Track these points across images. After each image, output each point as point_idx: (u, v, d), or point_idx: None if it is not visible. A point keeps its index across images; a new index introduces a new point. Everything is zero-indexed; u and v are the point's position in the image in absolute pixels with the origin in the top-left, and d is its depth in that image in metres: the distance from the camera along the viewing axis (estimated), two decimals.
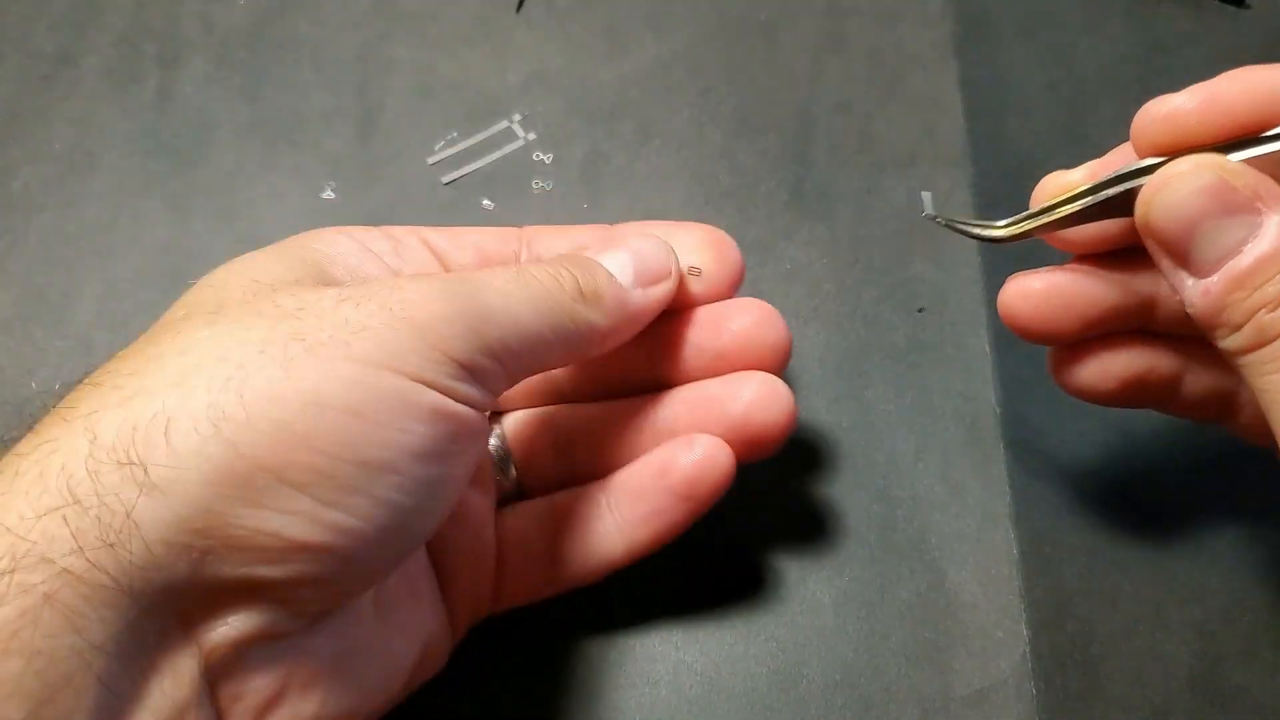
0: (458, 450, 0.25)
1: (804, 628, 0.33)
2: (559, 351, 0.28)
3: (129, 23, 0.45)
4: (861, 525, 0.35)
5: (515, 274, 0.27)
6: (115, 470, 0.21)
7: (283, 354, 0.22)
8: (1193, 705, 0.32)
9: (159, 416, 0.21)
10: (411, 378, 0.23)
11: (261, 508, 0.21)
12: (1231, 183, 0.24)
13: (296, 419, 0.22)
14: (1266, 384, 0.24)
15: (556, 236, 0.33)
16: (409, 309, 0.24)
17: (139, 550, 0.21)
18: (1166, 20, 0.45)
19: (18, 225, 0.41)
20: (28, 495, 0.21)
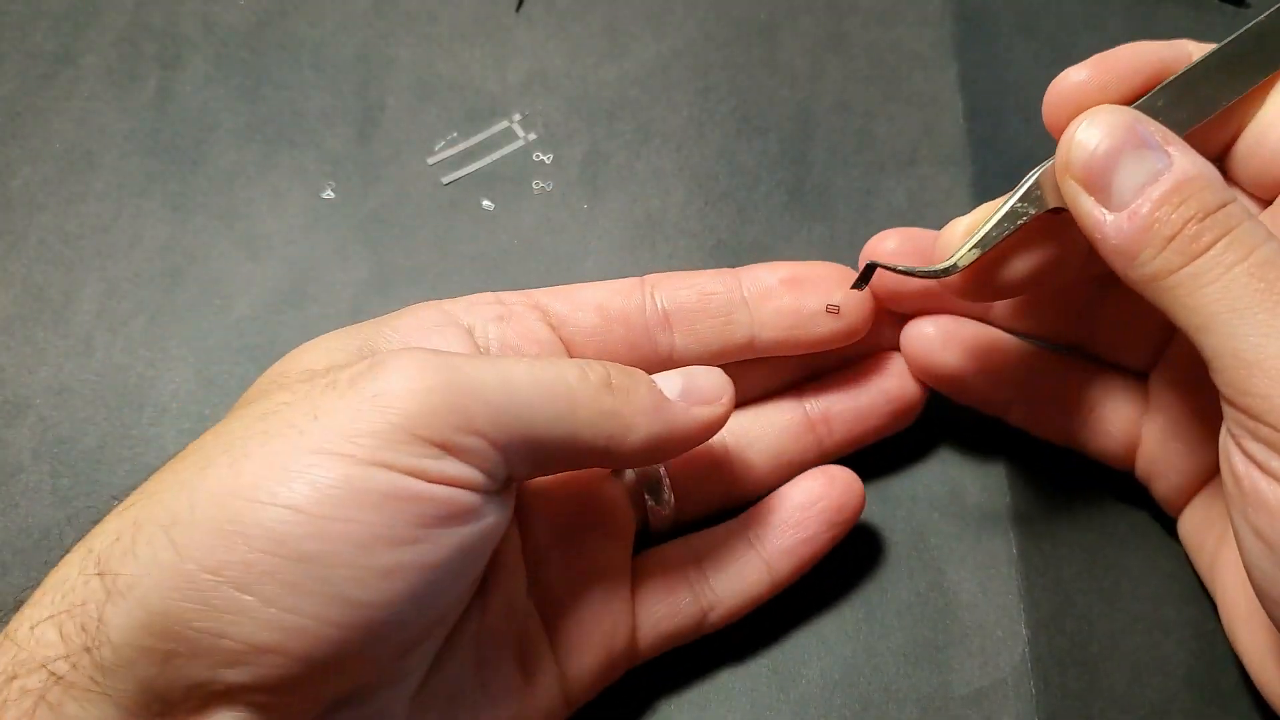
0: (429, 535, 0.23)
1: (803, 627, 0.34)
2: (576, 445, 0.26)
3: (129, 23, 0.45)
4: (861, 525, 0.35)
5: (529, 359, 0.26)
6: (95, 579, 0.22)
7: (240, 450, 0.23)
8: (1191, 705, 0.32)
9: (133, 524, 0.22)
10: (363, 461, 0.22)
11: (210, 609, 0.21)
12: (1142, 122, 0.26)
13: (235, 518, 0.22)
14: (1200, 299, 0.25)
15: (680, 282, 0.32)
16: (379, 386, 0.23)
17: (109, 654, 0.22)
18: (1166, 20, 0.45)
19: (18, 225, 0.41)
20: (37, 606, 0.23)
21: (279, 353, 0.38)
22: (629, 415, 0.27)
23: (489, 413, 0.24)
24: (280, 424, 0.23)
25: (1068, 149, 0.27)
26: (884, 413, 0.34)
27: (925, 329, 0.33)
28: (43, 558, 0.35)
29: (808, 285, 0.32)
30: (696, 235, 0.41)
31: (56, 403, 0.37)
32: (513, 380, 0.25)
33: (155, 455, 0.37)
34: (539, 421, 0.25)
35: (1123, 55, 0.28)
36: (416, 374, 0.23)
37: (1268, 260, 0.24)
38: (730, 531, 0.32)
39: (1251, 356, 0.24)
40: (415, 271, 0.40)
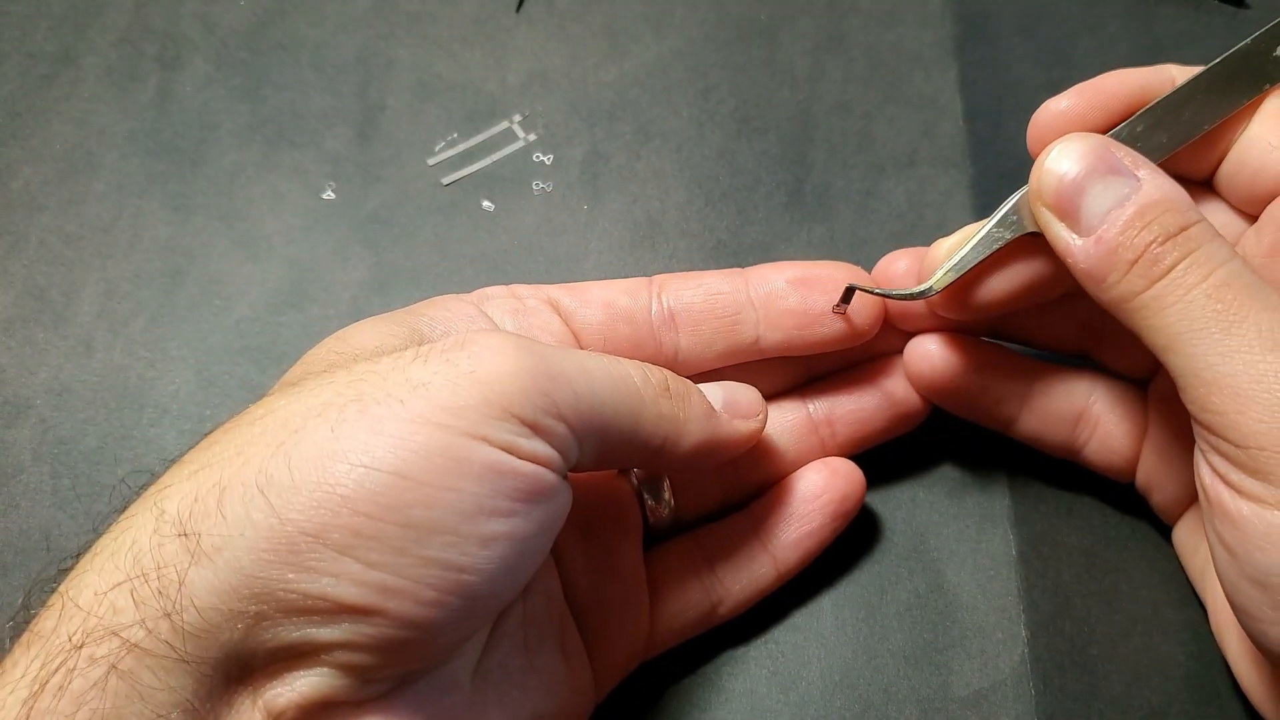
0: (522, 509, 0.24)
1: (803, 629, 0.34)
2: (636, 442, 0.27)
3: (129, 23, 0.45)
4: (860, 526, 0.35)
5: (601, 355, 0.27)
6: (175, 541, 0.22)
7: (336, 415, 0.22)
8: (1190, 706, 0.32)
9: (215, 486, 0.22)
10: (466, 434, 0.23)
11: (307, 571, 0.21)
12: (1111, 149, 0.27)
13: (339, 481, 0.22)
14: (1162, 320, 0.26)
15: (686, 282, 0.32)
16: (474, 364, 0.24)
17: (193, 618, 0.21)
18: (1166, 20, 0.45)
19: (18, 225, 0.41)
20: (101, 572, 0.22)
21: (279, 353, 0.38)
22: (683, 420, 0.28)
23: (570, 399, 0.25)
24: (375, 392, 0.23)
25: (1039, 176, 0.28)
26: (888, 416, 0.34)
27: (927, 346, 0.33)
28: (43, 558, 0.35)
29: (815, 286, 0.32)
30: (696, 236, 0.41)
31: (56, 403, 0.38)
32: (589, 371, 0.25)
33: (155, 455, 0.37)
34: (609, 414, 0.26)
35: (1105, 83, 0.30)
36: (510, 355, 0.24)
37: (1225, 282, 0.25)
38: (736, 527, 0.33)
39: (1210, 375, 0.25)
40: (415, 272, 0.40)
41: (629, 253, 0.40)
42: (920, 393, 0.34)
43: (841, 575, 0.34)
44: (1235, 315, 0.25)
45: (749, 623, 0.33)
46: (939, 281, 0.30)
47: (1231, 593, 0.26)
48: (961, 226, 0.32)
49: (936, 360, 0.33)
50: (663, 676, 0.33)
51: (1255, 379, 0.24)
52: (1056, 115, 0.30)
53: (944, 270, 0.30)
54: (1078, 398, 0.33)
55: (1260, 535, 0.24)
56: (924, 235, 0.40)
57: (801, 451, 0.34)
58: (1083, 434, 0.33)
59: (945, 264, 0.30)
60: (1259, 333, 0.24)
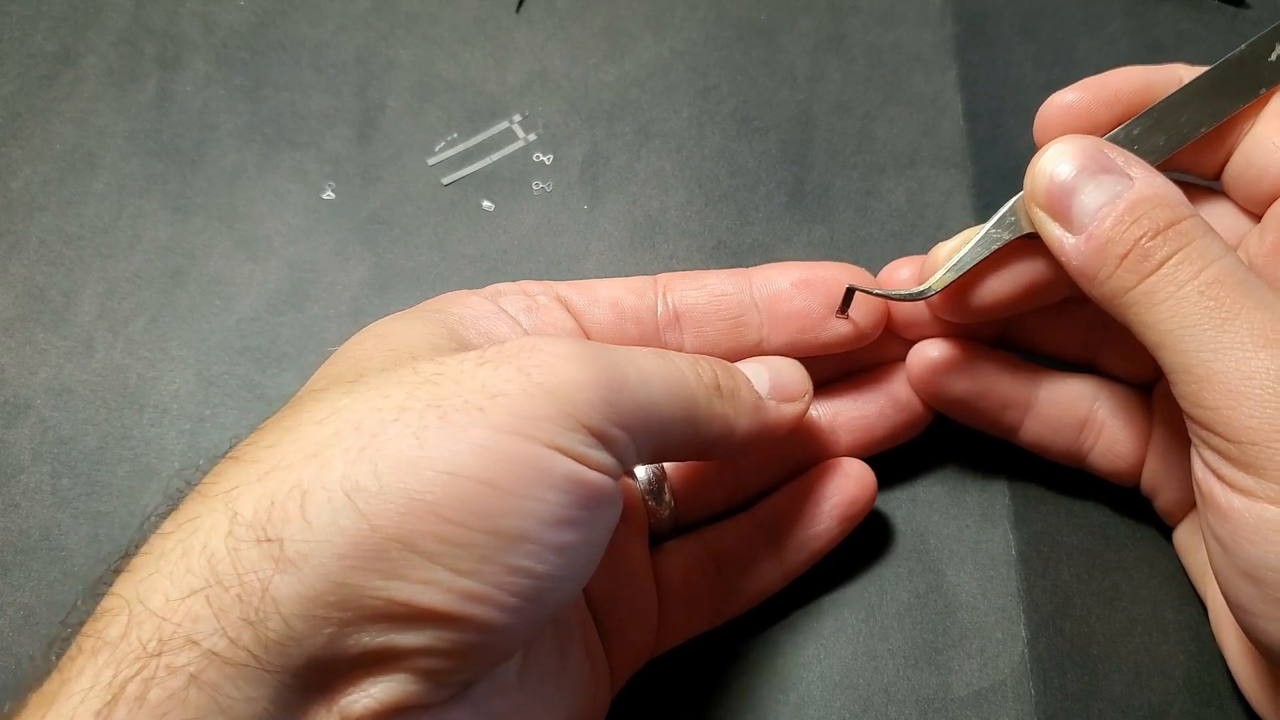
0: (590, 518, 0.24)
1: (803, 629, 0.34)
2: (690, 442, 0.27)
3: (129, 23, 0.45)
4: (861, 525, 0.35)
5: (655, 353, 0.27)
6: (254, 547, 0.21)
7: (417, 422, 0.22)
8: (1190, 706, 0.32)
9: (295, 490, 0.22)
10: (545, 444, 0.23)
11: (395, 578, 0.21)
12: (1103, 149, 0.28)
13: (429, 489, 0.22)
14: (1154, 316, 0.26)
15: (691, 282, 0.32)
16: (545, 374, 0.24)
17: (277, 626, 0.21)
18: (1166, 20, 0.45)
19: (18, 225, 0.41)
20: (172, 576, 0.21)
21: (279, 353, 0.38)
22: (734, 417, 0.28)
23: (632, 408, 0.25)
24: (452, 398, 0.23)
25: (1032, 177, 0.28)
26: (891, 424, 0.34)
27: (930, 352, 0.33)
28: (43, 557, 0.35)
29: (818, 288, 0.32)
30: (697, 236, 0.41)
31: (57, 403, 0.38)
32: (648, 377, 0.26)
33: (155, 455, 0.37)
34: (666, 420, 0.26)
35: (1112, 79, 0.30)
36: (578, 365, 0.24)
37: (1217, 279, 0.25)
38: (743, 527, 0.33)
39: (1202, 372, 0.25)
40: (415, 272, 0.40)
41: (629, 253, 0.40)
42: (923, 398, 0.34)
43: (841, 575, 0.34)
44: (1227, 312, 0.25)
45: (749, 623, 0.33)
46: (938, 282, 0.30)
47: (1225, 587, 0.26)
48: (961, 226, 0.32)
49: (939, 364, 0.33)
50: (663, 676, 0.32)
51: (1247, 375, 0.24)
52: (1063, 109, 0.30)
53: (943, 271, 0.30)
54: (1082, 403, 0.33)
55: (1250, 529, 0.24)
56: (924, 235, 0.40)
57: (804, 456, 0.34)
58: (1088, 439, 0.33)
59: (944, 265, 0.31)
60: (1251, 330, 0.24)
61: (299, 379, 0.38)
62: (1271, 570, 0.24)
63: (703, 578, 0.32)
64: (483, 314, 0.29)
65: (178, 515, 0.22)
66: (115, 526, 0.35)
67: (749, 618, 0.33)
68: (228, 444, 0.24)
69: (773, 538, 0.32)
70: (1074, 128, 0.30)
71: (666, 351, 0.27)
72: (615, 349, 0.26)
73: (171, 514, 0.23)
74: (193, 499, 0.23)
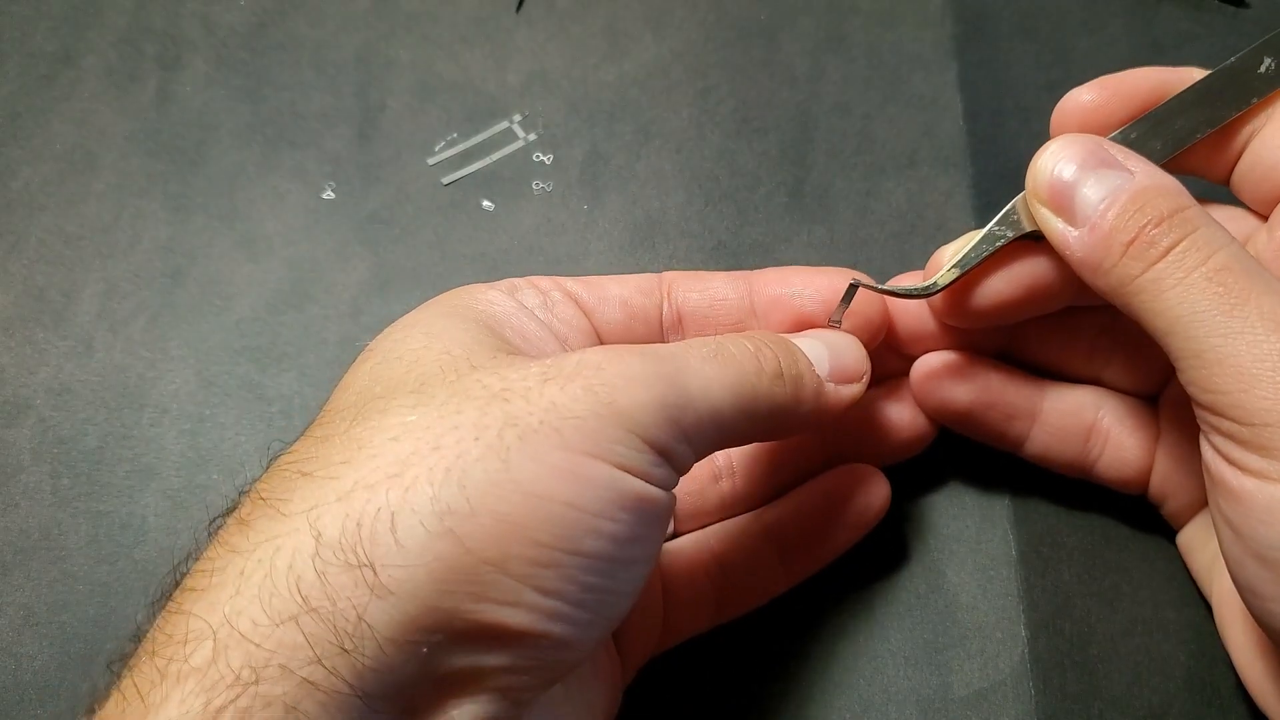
0: (652, 533, 0.25)
1: (803, 628, 0.34)
2: (749, 433, 0.28)
3: (129, 23, 0.45)
4: None
5: (714, 352, 0.26)
6: (345, 572, 0.21)
7: (499, 442, 0.22)
8: (1190, 707, 0.32)
9: (383, 512, 0.21)
10: (618, 466, 0.23)
11: (486, 600, 0.21)
12: (1104, 145, 0.28)
13: (517, 511, 0.22)
14: (1162, 304, 0.26)
15: (694, 284, 0.32)
16: (614, 394, 0.23)
17: (372, 653, 0.21)
18: (1166, 20, 0.45)
19: (18, 225, 0.41)
20: (259, 599, 0.21)
21: (279, 353, 0.38)
22: (796, 404, 0.28)
23: (695, 423, 0.25)
24: (528, 418, 0.23)
25: (1034, 174, 0.29)
26: (894, 439, 0.34)
27: (934, 366, 0.33)
28: (43, 557, 0.35)
29: (818, 294, 0.31)
30: (696, 236, 0.41)
31: (56, 403, 0.38)
32: (710, 386, 0.25)
33: (155, 455, 0.37)
34: (728, 420, 0.26)
35: (1128, 79, 0.30)
36: (643, 385, 0.24)
37: (1225, 265, 0.25)
38: (749, 529, 0.33)
39: (1213, 357, 0.25)
40: (415, 271, 0.40)
41: (629, 253, 0.40)
42: (927, 411, 0.34)
43: (841, 575, 0.34)
44: (1237, 297, 0.25)
45: (749, 622, 0.33)
46: (942, 278, 0.31)
47: (1237, 572, 0.26)
48: (962, 227, 0.32)
49: (943, 375, 0.33)
50: (663, 675, 0.32)
51: (1260, 358, 0.24)
52: (1079, 108, 0.30)
53: (947, 267, 0.31)
54: (1087, 411, 0.33)
55: (1264, 510, 0.24)
56: (924, 235, 0.40)
57: (806, 467, 0.34)
58: (1094, 448, 0.33)
59: (948, 263, 0.31)
60: (1261, 314, 0.24)
61: (299, 379, 0.38)
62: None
63: (706, 579, 0.32)
64: (510, 311, 0.29)
65: (251, 533, 0.22)
66: (115, 526, 0.35)
67: (749, 617, 0.33)
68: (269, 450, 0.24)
69: (780, 544, 0.32)
70: (1089, 127, 0.30)
71: (727, 345, 0.27)
72: (676, 357, 0.25)
73: (239, 528, 0.22)
74: (267, 515, 0.22)
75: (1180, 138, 0.30)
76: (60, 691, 0.33)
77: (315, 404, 0.37)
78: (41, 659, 0.33)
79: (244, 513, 0.23)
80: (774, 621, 0.33)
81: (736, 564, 0.32)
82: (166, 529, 0.35)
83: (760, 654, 0.33)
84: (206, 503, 0.36)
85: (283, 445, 0.25)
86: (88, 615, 0.34)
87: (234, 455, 0.37)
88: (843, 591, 0.34)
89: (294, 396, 0.38)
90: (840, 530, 0.32)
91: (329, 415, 0.25)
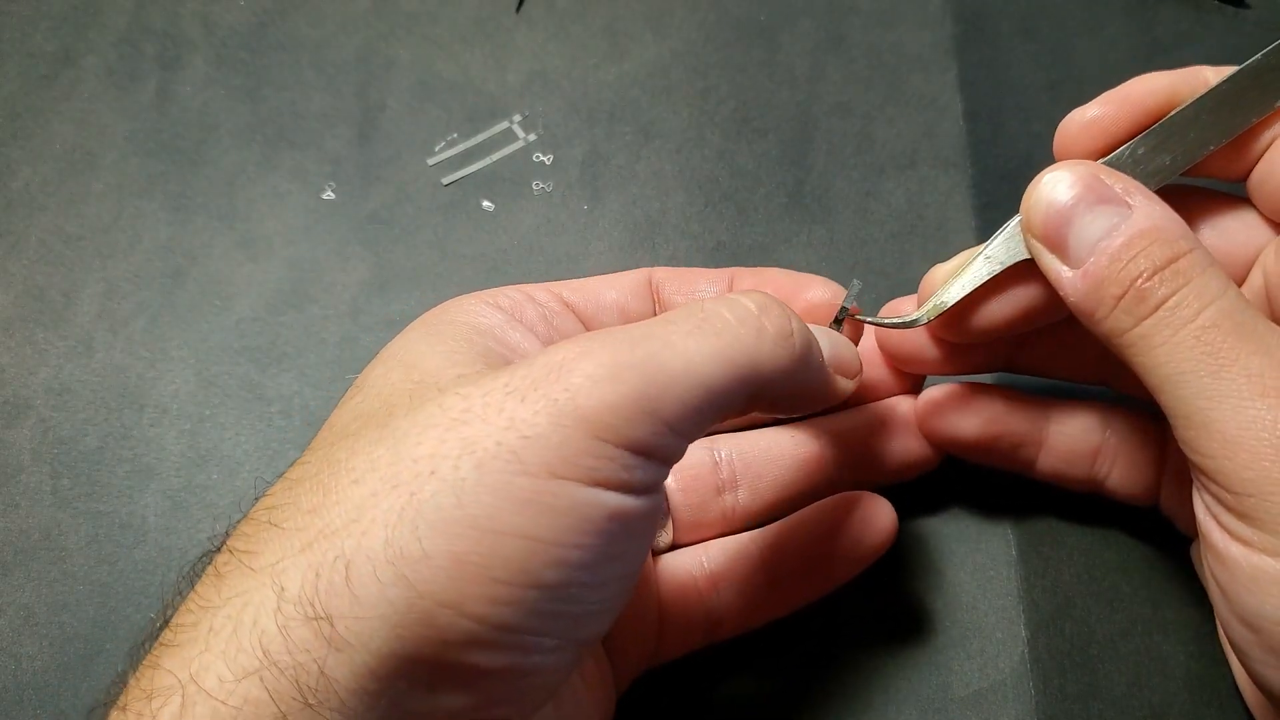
0: (633, 546, 0.24)
1: (803, 629, 0.33)
2: (749, 405, 0.25)
3: (129, 23, 0.45)
4: None
5: (700, 321, 0.24)
6: (304, 625, 0.21)
7: (454, 474, 0.21)
8: (1190, 707, 0.32)
9: (339, 561, 0.21)
10: (586, 481, 0.22)
11: (445, 643, 0.21)
12: (1102, 177, 0.27)
13: (472, 550, 0.21)
14: (1151, 360, 0.25)
15: (681, 285, 0.31)
16: (578, 398, 0.22)
17: (336, 706, 0.21)
18: (1166, 20, 0.45)
19: (18, 226, 0.41)
20: (225, 655, 0.21)
21: (279, 353, 0.38)
22: (804, 369, 0.26)
23: (678, 406, 0.23)
24: (484, 440, 0.22)
25: (1028, 207, 0.27)
26: (898, 465, 0.33)
27: (939, 399, 0.32)
28: (43, 558, 0.35)
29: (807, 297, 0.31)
30: (696, 237, 0.41)
31: (56, 403, 0.38)
32: (693, 361, 0.23)
33: (155, 455, 0.37)
34: (722, 397, 0.24)
35: (1133, 90, 0.28)
36: (610, 384, 0.22)
37: (1214, 322, 0.24)
38: (746, 553, 0.32)
39: (1199, 419, 0.24)
40: (415, 272, 0.40)
41: (629, 253, 0.40)
42: (934, 443, 0.33)
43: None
44: (1224, 358, 0.24)
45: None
46: (929, 313, 0.30)
47: (1224, 628, 0.26)
48: (961, 227, 0.32)
49: (949, 410, 0.32)
50: (660, 675, 0.32)
51: (1243, 425, 0.23)
52: (1083, 126, 0.29)
53: (933, 302, 0.30)
54: (1094, 433, 0.32)
55: (1247, 578, 0.24)
56: (924, 235, 0.40)
57: (809, 485, 0.33)
58: (1102, 469, 0.33)
59: (935, 296, 0.30)
60: (1248, 376, 0.24)
61: (299, 379, 0.38)
62: (1269, 621, 0.24)
63: (699, 598, 0.31)
64: (496, 323, 0.28)
65: (224, 587, 0.22)
66: (115, 526, 0.35)
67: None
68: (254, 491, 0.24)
69: (774, 572, 0.31)
70: (1096, 145, 0.29)
71: (721, 309, 0.25)
72: (652, 337, 0.23)
73: (214, 581, 0.22)
74: (238, 570, 0.22)
75: (1193, 151, 0.28)
76: (60, 692, 0.33)
77: (315, 404, 0.38)
78: (41, 659, 0.33)
79: (220, 564, 0.23)
80: (772, 622, 0.33)
81: (730, 585, 0.31)
82: (166, 529, 0.35)
83: (759, 654, 0.33)
84: (206, 503, 0.36)
85: (266, 484, 0.24)
86: (88, 615, 0.34)
87: (234, 455, 0.37)
88: (842, 591, 0.34)
89: (294, 396, 0.38)
90: (837, 564, 0.31)
91: (306, 455, 0.24)
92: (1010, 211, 0.29)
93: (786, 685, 0.33)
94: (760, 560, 0.32)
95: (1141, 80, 0.29)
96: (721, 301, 0.25)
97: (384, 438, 0.23)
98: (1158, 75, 0.29)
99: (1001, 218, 0.30)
